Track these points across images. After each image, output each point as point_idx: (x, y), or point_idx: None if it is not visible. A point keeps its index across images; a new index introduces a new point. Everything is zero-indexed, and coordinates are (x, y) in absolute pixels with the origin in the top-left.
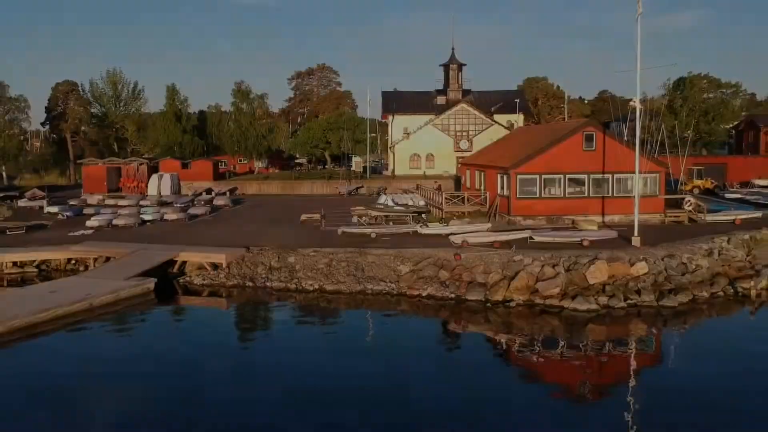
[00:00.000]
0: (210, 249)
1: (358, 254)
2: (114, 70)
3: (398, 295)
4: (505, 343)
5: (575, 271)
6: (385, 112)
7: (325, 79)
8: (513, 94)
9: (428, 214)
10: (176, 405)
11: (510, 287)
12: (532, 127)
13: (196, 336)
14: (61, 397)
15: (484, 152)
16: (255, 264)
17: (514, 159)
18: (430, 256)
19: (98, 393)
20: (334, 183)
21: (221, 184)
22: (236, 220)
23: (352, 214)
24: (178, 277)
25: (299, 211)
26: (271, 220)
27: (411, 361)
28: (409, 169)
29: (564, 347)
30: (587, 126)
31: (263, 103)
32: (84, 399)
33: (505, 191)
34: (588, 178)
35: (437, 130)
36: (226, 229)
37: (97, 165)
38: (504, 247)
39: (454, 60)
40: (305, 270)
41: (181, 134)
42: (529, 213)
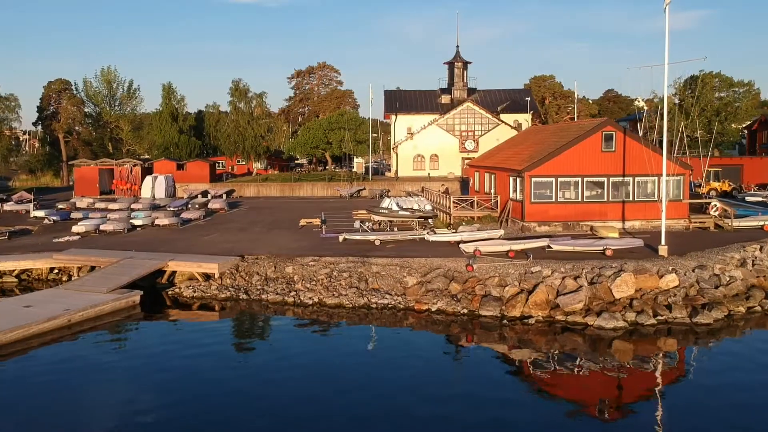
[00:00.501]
0: (202, 257)
1: (361, 264)
2: (108, 69)
3: (405, 310)
4: (523, 363)
5: (599, 284)
6: (387, 111)
7: (325, 78)
8: (520, 93)
9: (435, 220)
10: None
11: (528, 302)
12: (545, 127)
13: (183, 356)
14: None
15: (494, 153)
16: (250, 274)
17: (528, 160)
18: (439, 266)
19: (72, 420)
20: (334, 185)
21: (218, 186)
22: (232, 225)
23: (353, 218)
24: (168, 288)
25: (298, 215)
26: (268, 224)
27: (420, 382)
28: (413, 170)
29: (588, 368)
30: (606, 125)
31: (262, 101)
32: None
33: (518, 195)
34: (607, 181)
35: (442, 130)
36: (220, 235)
37: (88, 166)
38: (520, 257)
39: (458, 57)
40: (304, 281)
41: (178, 134)
42: (544, 218)
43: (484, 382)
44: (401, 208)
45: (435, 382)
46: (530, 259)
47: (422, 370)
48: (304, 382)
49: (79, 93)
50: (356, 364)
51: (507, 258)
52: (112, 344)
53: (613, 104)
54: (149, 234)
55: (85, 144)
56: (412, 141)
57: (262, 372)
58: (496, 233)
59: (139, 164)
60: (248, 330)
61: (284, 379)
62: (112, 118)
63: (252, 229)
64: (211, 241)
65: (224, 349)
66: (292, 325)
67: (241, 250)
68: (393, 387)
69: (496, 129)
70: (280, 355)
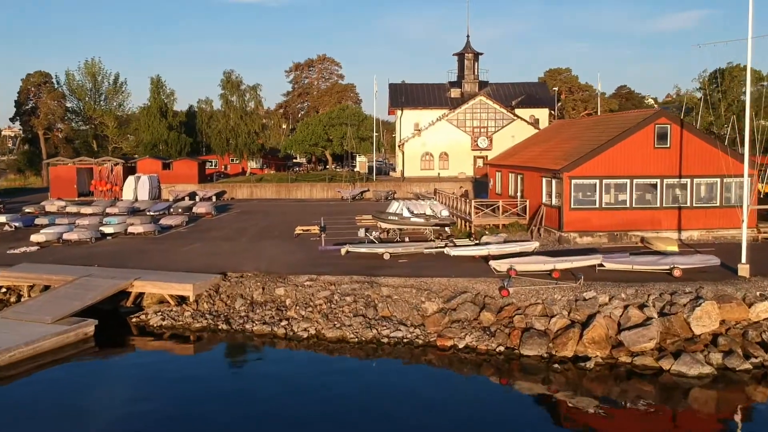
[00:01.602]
0: (175, 276)
1: (368, 285)
2: (92, 61)
3: (424, 346)
4: (579, 418)
5: (673, 315)
6: (392, 106)
7: (326, 72)
8: (535, 87)
9: (452, 228)
10: None
11: (583, 338)
12: (578, 121)
13: (139, 407)
14: None
15: (519, 150)
16: (232, 297)
17: (566, 159)
18: (465, 289)
19: None
20: (335, 186)
21: (207, 188)
22: (217, 233)
23: (357, 225)
24: (134, 313)
25: (294, 221)
26: (259, 232)
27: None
28: (420, 170)
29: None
30: (659, 116)
31: (256, 95)
32: None
33: (553, 200)
34: (660, 183)
35: (452, 126)
36: (202, 245)
37: (65, 165)
38: (566, 277)
39: (469, 48)
40: (298, 307)
41: (167, 131)
42: (585, 228)
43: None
44: (413, 213)
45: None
46: (581, 281)
47: (448, 429)
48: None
49: (61, 86)
50: (364, 420)
51: (550, 279)
52: (45, 393)
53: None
54: (120, 244)
55: (67, 141)
56: (419, 138)
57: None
58: (530, 246)
59: (120, 163)
60: (225, 372)
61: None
62: (96, 113)
63: (240, 238)
64: (190, 253)
65: (191, 398)
66: (281, 365)
67: (224, 265)
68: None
69: (511, 125)
70: (265, 408)
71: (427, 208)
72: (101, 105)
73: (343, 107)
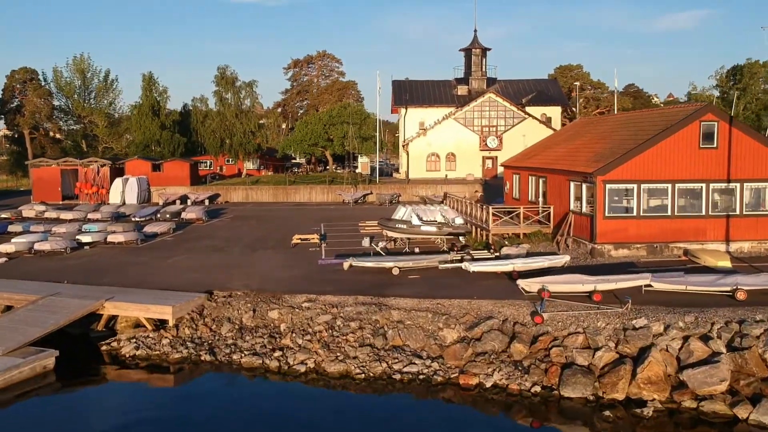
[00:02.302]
0: (154, 295)
1: (376, 307)
2: (81, 57)
3: (444, 384)
4: None
5: (747, 350)
6: (396, 104)
7: (326, 69)
8: (546, 84)
9: (468, 237)
10: None
11: (636, 378)
12: (606, 118)
13: None
14: None
15: (538, 151)
16: (218, 321)
17: (598, 160)
18: (490, 313)
19: None
20: (336, 189)
21: (200, 190)
22: (206, 243)
23: (361, 232)
24: (105, 338)
25: (292, 228)
26: (252, 241)
27: None
28: (426, 171)
29: None
30: (705, 112)
31: (252, 92)
32: None
33: (583, 207)
34: (706, 188)
35: (459, 124)
36: (188, 257)
37: (49, 166)
38: (608, 299)
39: (476, 43)
40: (294, 334)
41: (159, 130)
42: (621, 239)
43: None
44: (423, 221)
45: None
46: (628, 305)
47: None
48: None
49: (48, 84)
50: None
51: (591, 302)
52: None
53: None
54: (98, 255)
55: (54, 141)
56: (425, 137)
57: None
58: (560, 260)
59: (107, 164)
60: (207, 414)
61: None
62: (85, 112)
63: (231, 248)
64: (174, 266)
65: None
66: (274, 403)
67: (211, 281)
68: None
69: (522, 123)
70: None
71: (437, 215)
72: (91, 103)
73: (344, 105)
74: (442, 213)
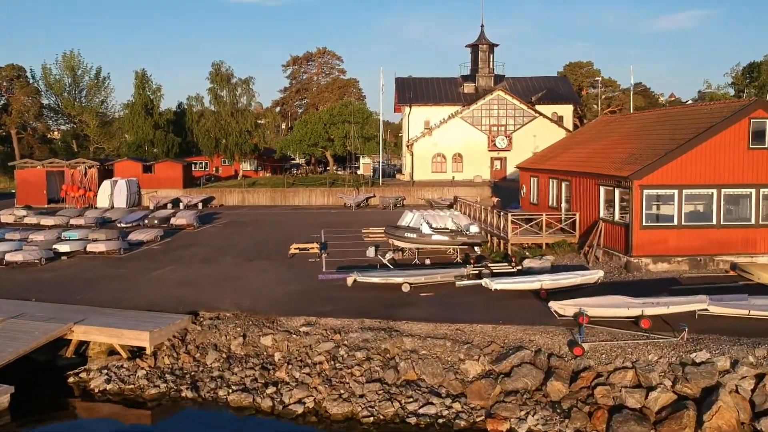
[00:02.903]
0: (130, 318)
1: (386, 333)
2: (71, 53)
3: (469, 430)
4: None
5: None
6: (400, 102)
7: (326, 66)
8: (556, 81)
9: (484, 246)
10: None
11: (704, 427)
12: (632, 116)
13: None
14: None
15: (558, 152)
16: (203, 349)
17: (632, 162)
18: (520, 342)
19: None
20: (337, 191)
21: (193, 193)
22: (196, 252)
23: (364, 240)
24: (75, 367)
25: (290, 235)
26: (246, 251)
27: None
28: (432, 172)
29: None
30: (756, 108)
31: (248, 89)
32: None
33: (615, 214)
34: (756, 194)
35: (466, 123)
36: (175, 269)
37: (34, 168)
38: (658, 326)
39: (483, 39)
40: (291, 365)
41: (153, 130)
42: (660, 251)
43: None
44: (434, 228)
45: None
46: (684, 334)
47: None
48: None
49: (36, 81)
50: None
51: (637, 329)
52: None
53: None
54: (75, 267)
55: (43, 141)
56: (430, 137)
57: None
58: (592, 276)
59: (95, 166)
60: None
61: None
62: (75, 110)
63: (222, 258)
64: (157, 280)
65: None
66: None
67: (198, 299)
68: None
69: (532, 123)
70: None
71: (448, 221)
72: (81, 102)
73: (346, 104)
74: (454, 219)
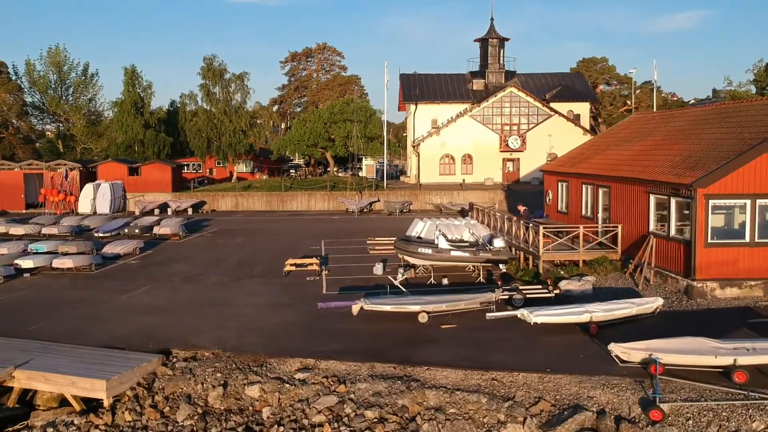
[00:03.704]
0: (85, 359)
1: (403, 385)
2: (57, 48)
3: None
4: None
5: None
6: (405, 100)
7: (326, 62)
8: (571, 78)
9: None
10: None
11: None
12: (676, 112)
13: None
14: None
15: (589, 153)
16: (174, 401)
17: (696, 167)
18: (576, 398)
19: None
20: (338, 195)
21: (183, 197)
22: (177, 268)
23: (369, 252)
24: (17, 420)
25: (286, 245)
26: (236, 266)
27: None
28: (439, 175)
29: None
30: None
31: (243, 86)
32: None
33: (671, 228)
34: None
35: (476, 122)
36: (149, 291)
37: (12, 170)
38: (755, 377)
39: (493, 33)
40: (283, 427)
41: (143, 130)
42: (730, 273)
43: None
44: (453, 242)
45: None
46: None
47: None
48: None
49: (19, 78)
50: None
51: (728, 382)
52: None
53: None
54: (36, 287)
55: (27, 141)
56: (438, 137)
57: None
58: (649, 305)
59: (76, 168)
60: None
61: None
62: (60, 109)
63: (207, 276)
64: (128, 306)
65: None
66: None
67: (172, 332)
68: None
69: (548, 121)
70: None
71: (465, 232)
72: (68, 100)
73: (347, 101)
74: (471, 230)
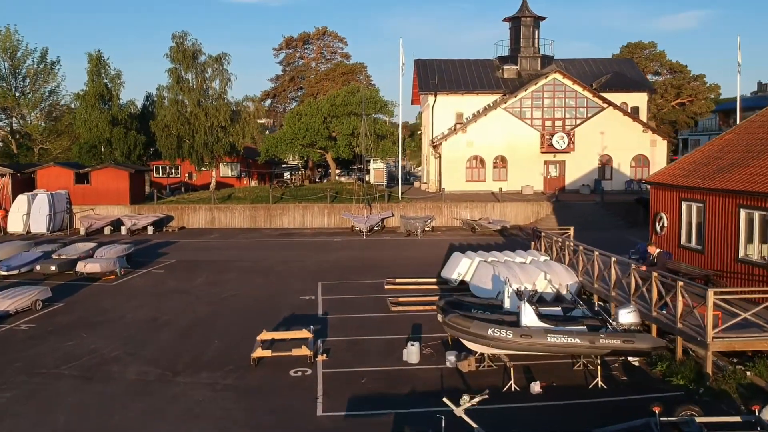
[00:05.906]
0: None
1: None
2: (7, 30)
3: None
4: None
5: None
6: (422, 90)
7: (327, 50)
8: (620, 64)
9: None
10: None
11: None
12: None
13: None
14: None
15: (730, 158)
16: None
17: None
18: None
19: None
20: (342, 208)
21: (143, 211)
22: (80, 347)
23: (389, 303)
24: None
25: (265, 292)
26: (177, 341)
27: None
28: (465, 182)
29: None
30: None
31: (222, 70)
32: None
33: None
34: None
35: (511, 116)
36: (11, 403)
37: None
38: None
39: (526, 10)
40: None
41: (110, 126)
42: None
43: None
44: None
45: None
46: None
47: None
48: None
49: None
50: None
51: None
52: None
53: None
54: None
55: None
56: (464, 134)
57: None
58: None
59: (8, 174)
60: None
61: None
62: (10, 102)
63: (123, 367)
64: None
65: None
66: None
67: None
68: None
69: (600, 115)
70: None
71: (539, 278)
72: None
73: (352, 90)
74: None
